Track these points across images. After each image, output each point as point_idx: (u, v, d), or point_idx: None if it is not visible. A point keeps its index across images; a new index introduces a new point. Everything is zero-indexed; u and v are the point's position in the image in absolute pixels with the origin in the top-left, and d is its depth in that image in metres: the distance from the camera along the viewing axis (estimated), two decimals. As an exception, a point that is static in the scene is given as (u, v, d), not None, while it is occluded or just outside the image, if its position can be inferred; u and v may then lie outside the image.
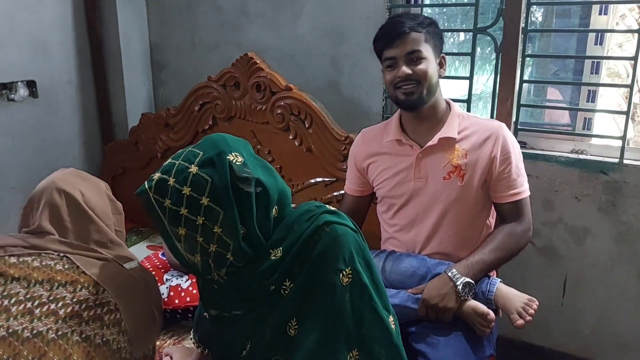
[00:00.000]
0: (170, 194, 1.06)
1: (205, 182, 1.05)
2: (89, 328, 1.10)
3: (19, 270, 1.14)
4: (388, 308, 1.15)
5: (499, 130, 1.50)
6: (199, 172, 1.06)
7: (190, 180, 1.05)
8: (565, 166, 1.85)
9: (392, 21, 1.49)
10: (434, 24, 1.49)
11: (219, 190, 1.05)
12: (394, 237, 1.62)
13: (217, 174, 1.06)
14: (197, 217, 1.06)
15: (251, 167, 1.10)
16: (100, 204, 1.34)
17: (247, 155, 1.13)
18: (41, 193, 1.28)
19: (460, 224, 1.53)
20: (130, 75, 2.60)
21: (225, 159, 1.07)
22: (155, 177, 1.08)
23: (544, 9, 2.05)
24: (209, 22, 2.45)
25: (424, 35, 1.44)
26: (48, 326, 1.06)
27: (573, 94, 2.03)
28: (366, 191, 1.70)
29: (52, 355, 1.03)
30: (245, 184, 1.07)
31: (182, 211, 1.06)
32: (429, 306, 1.40)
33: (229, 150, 1.10)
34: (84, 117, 2.59)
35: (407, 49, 1.43)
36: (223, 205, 1.05)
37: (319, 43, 2.21)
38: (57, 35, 2.40)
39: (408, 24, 1.43)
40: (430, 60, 1.45)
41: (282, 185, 1.17)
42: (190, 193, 1.05)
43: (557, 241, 1.92)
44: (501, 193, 1.51)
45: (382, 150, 1.60)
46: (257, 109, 2.07)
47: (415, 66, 1.44)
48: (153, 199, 1.07)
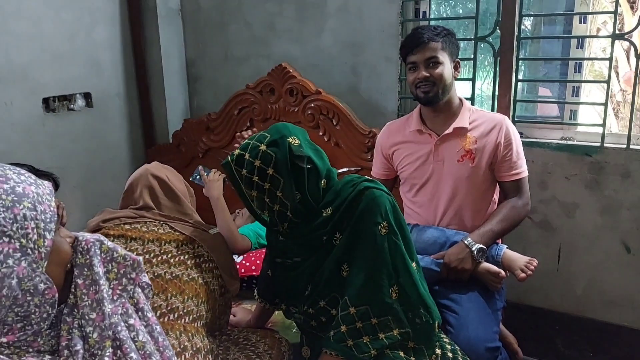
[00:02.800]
0: (246, 165, 1.40)
1: (271, 157, 1.39)
2: (193, 272, 1.42)
3: (135, 232, 1.46)
4: (412, 256, 1.44)
5: (502, 121, 1.83)
6: (267, 150, 1.40)
7: (260, 155, 1.39)
8: (555, 151, 2.17)
9: (416, 32, 1.82)
10: (450, 34, 1.81)
11: (281, 164, 1.39)
12: (417, 212, 1.94)
13: (280, 152, 1.39)
14: (264, 183, 1.39)
15: (305, 149, 1.43)
16: (181, 187, 1.67)
17: (303, 139, 1.46)
18: (139, 179, 1.61)
19: (472, 198, 1.84)
20: (170, 86, 2.92)
21: (286, 140, 1.41)
22: (236, 153, 1.43)
23: (533, 19, 2.41)
24: (240, 38, 2.78)
25: (441, 43, 1.77)
26: (164, 270, 1.39)
27: (560, 91, 2.37)
28: (390, 175, 2.02)
29: (171, 290, 1.36)
30: (300, 160, 1.40)
31: (254, 178, 1.39)
32: (450, 268, 1.70)
33: (289, 134, 1.43)
34: (130, 124, 2.90)
35: (426, 55, 1.76)
36: (283, 175, 1.38)
37: (341, 53, 2.54)
38: (108, 53, 2.73)
39: (427, 34, 1.76)
40: (445, 65, 1.78)
41: (329, 165, 1.50)
42: (260, 165, 1.39)
43: (551, 215, 2.23)
44: (504, 173, 1.83)
45: (405, 139, 1.92)
46: (290, 110, 2.40)
47: (433, 70, 1.76)
48: (234, 168, 1.41)
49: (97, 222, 1.50)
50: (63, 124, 2.54)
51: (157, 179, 1.60)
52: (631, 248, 2.12)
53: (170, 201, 1.59)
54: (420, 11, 2.44)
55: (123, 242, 1.43)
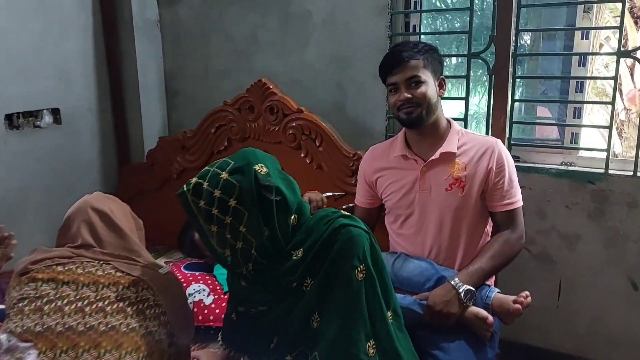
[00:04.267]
0: (204, 196, 1.23)
1: (234, 187, 1.22)
2: (134, 321, 1.24)
3: (68, 275, 1.28)
4: (389, 303, 1.27)
5: (494, 145, 1.66)
6: (229, 178, 1.23)
7: (221, 185, 1.23)
8: (555, 177, 2.01)
9: (394, 50, 1.66)
10: (432, 50, 1.66)
11: (245, 194, 1.22)
12: (402, 246, 1.76)
13: (244, 181, 1.23)
14: (226, 216, 1.22)
15: (274, 178, 1.26)
16: (126, 220, 1.49)
17: (272, 168, 1.29)
18: (77, 213, 1.43)
19: (462, 231, 1.66)
20: (146, 101, 2.75)
21: (252, 168, 1.24)
22: (193, 181, 1.26)
23: (532, 34, 2.24)
24: (221, 51, 2.63)
25: (422, 61, 1.61)
26: (99, 320, 1.20)
27: (560, 111, 2.20)
28: (375, 203, 1.85)
29: (105, 345, 1.18)
30: (267, 191, 1.23)
31: (213, 211, 1.22)
32: (434, 312, 1.51)
33: (256, 161, 1.27)
34: (102, 141, 2.73)
35: (406, 75, 1.60)
36: (248, 208, 1.22)
37: (326, 69, 2.39)
38: (79, 65, 2.57)
39: (407, 52, 1.60)
40: (429, 84, 1.61)
41: (301, 199, 1.33)
42: (220, 195, 1.22)
43: (550, 247, 2.06)
44: (496, 202, 1.65)
45: (389, 165, 1.75)
46: (270, 130, 2.23)
47: (415, 90, 1.60)
48: (190, 199, 1.24)
49: (26, 265, 1.31)
50: (28, 142, 2.37)
51: (98, 212, 1.42)
52: (638, 284, 1.95)
53: (113, 237, 1.40)
54: (410, 25, 2.28)
55: (53, 287, 1.26)
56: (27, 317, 1.21)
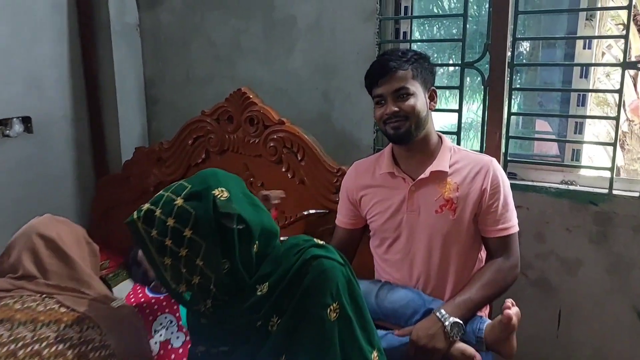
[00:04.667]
0: (157, 224, 1.09)
1: (189, 215, 1.09)
2: None
3: (2, 313, 1.13)
4: (372, 342, 1.14)
5: (489, 164, 1.51)
6: (184, 205, 1.09)
7: (176, 212, 1.09)
8: (555, 197, 1.86)
9: (380, 60, 1.52)
10: (422, 58, 1.51)
11: (202, 223, 1.08)
12: (387, 272, 1.62)
13: (201, 208, 1.09)
14: (180, 248, 1.09)
15: (236, 204, 1.11)
16: (76, 246, 1.35)
17: (235, 191, 1.14)
18: (20, 239, 1.29)
19: (453, 257, 1.52)
20: (125, 109, 2.61)
21: (211, 193, 1.10)
22: (144, 208, 1.12)
23: (531, 43, 2.10)
24: (203, 57, 2.49)
25: (411, 71, 1.47)
26: None
27: (561, 125, 2.06)
28: (358, 224, 1.70)
29: None
30: (227, 219, 1.09)
31: (166, 242, 1.09)
32: (418, 347, 1.37)
33: (216, 185, 1.12)
34: (77, 151, 2.59)
35: (393, 87, 1.46)
36: (205, 238, 1.08)
37: (311, 77, 2.25)
38: (53, 71, 2.42)
39: (394, 62, 1.46)
40: (418, 95, 1.47)
41: (268, 224, 1.18)
42: (174, 225, 1.09)
43: (549, 273, 1.91)
44: (489, 227, 1.51)
45: (375, 182, 1.61)
46: (250, 142, 2.09)
47: (403, 102, 1.46)
48: (141, 228, 1.10)
49: None
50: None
51: (44, 238, 1.27)
52: (644, 314, 1.80)
53: (60, 266, 1.26)
54: (400, 32, 2.14)
55: None
56: None
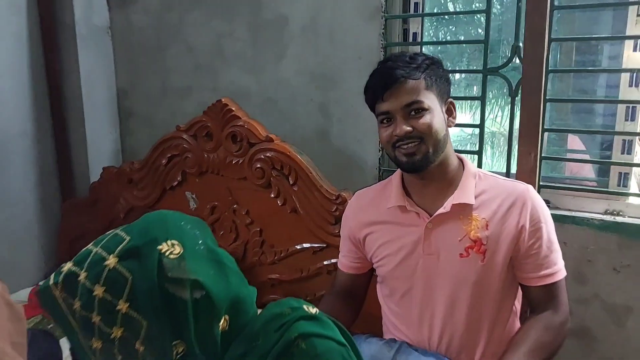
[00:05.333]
0: (80, 293, 0.77)
1: (124, 281, 0.77)
2: None
3: None
4: None
5: (525, 194, 1.20)
6: (117, 266, 0.77)
7: (106, 277, 0.77)
8: (599, 230, 1.55)
9: (383, 68, 1.19)
10: (436, 64, 1.20)
11: (142, 293, 0.76)
12: (400, 331, 1.30)
13: (141, 270, 0.77)
14: (113, 327, 0.77)
15: (193, 264, 0.79)
16: None
17: (192, 245, 0.82)
18: None
19: (483, 312, 1.21)
20: (94, 124, 2.30)
21: (155, 250, 0.78)
22: (64, 269, 0.80)
23: (563, 46, 1.78)
24: (181, 65, 2.18)
25: (424, 80, 1.16)
26: None
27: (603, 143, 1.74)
28: (364, 268, 1.38)
29: None
30: (178, 286, 0.77)
31: (94, 318, 0.77)
32: None
33: (165, 237, 0.80)
34: (40, 173, 2.26)
35: (403, 102, 1.14)
36: (147, 314, 0.76)
37: (305, 87, 1.94)
38: (10, 81, 2.10)
39: (402, 70, 1.14)
40: (434, 111, 1.16)
41: (239, 288, 0.86)
42: (104, 295, 0.77)
43: (592, 322, 1.59)
44: (530, 274, 1.20)
45: (382, 218, 1.29)
46: (232, 162, 1.77)
47: (417, 120, 1.15)
48: (60, 298, 0.79)
49: None
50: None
51: None
52: None
53: None
54: (409, 32, 1.83)
55: None
56: None
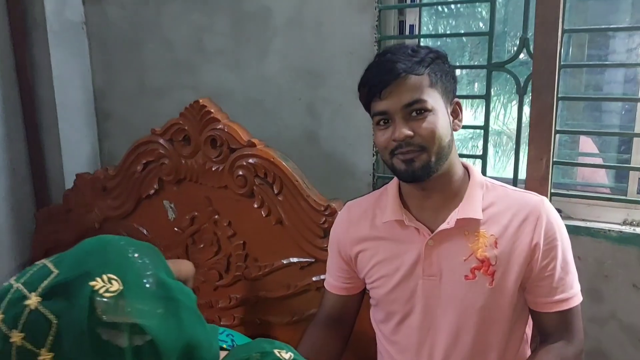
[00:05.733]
0: None
1: (48, 326, 0.62)
2: None
3: None
4: None
5: (539, 207, 1.05)
6: (39, 307, 0.62)
7: (25, 321, 0.62)
8: (617, 243, 1.40)
9: (382, 60, 1.04)
10: (441, 58, 1.05)
11: (69, 342, 0.61)
12: (395, 359, 1.15)
13: (69, 313, 0.62)
14: None
15: (133, 302, 0.64)
16: None
17: (136, 279, 0.66)
18: None
19: (491, 341, 1.07)
20: (68, 126, 2.15)
21: (87, 286, 0.62)
22: None
23: (573, 38, 1.63)
24: (159, 62, 2.02)
25: (429, 77, 1.01)
26: None
27: (620, 146, 1.59)
28: (355, 289, 1.23)
29: None
30: (114, 332, 0.62)
31: None
32: None
33: (101, 270, 0.64)
34: (12, 179, 2.10)
35: (404, 100, 0.99)
36: None
37: (292, 85, 1.79)
38: (-25, 81, 1.96)
39: (403, 63, 0.99)
40: (438, 112, 1.01)
41: (194, 329, 0.70)
42: (22, 342, 0.62)
43: (609, 343, 1.45)
44: (543, 298, 1.06)
45: (377, 234, 1.14)
46: (212, 169, 1.62)
47: (419, 123, 0.99)
48: None
49: None
50: None
51: None
52: None
53: None
54: (405, 25, 1.68)
55: None
56: None
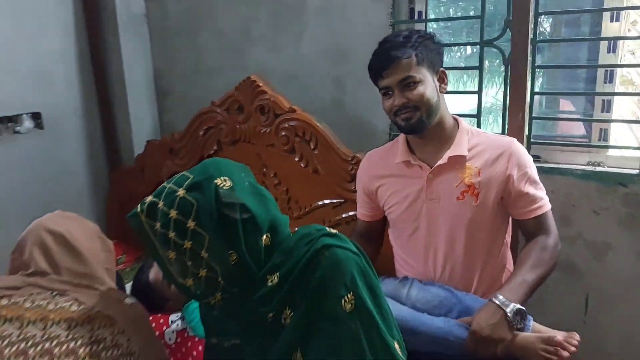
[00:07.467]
0: (160, 217, 1.05)
1: (191, 206, 1.04)
2: None
3: (12, 311, 1.10)
4: (393, 333, 1.08)
5: (511, 146, 1.44)
6: (185, 196, 1.05)
7: (177, 204, 1.05)
8: (581, 179, 1.78)
9: (381, 50, 1.44)
10: (427, 39, 1.43)
11: (204, 214, 1.04)
12: (410, 265, 1.56)
13: (203, 198, 1.05)
14: (184, 241, 1.05)
15: (240, 193, 1.07)
16: (88, 241, 1.31)
17: (240, 181, 1.09)
18: (28, 236, 1.26)
19: (478, 245, 1.46)
20: (135, 102, 2.58)
21: (212, 183, 1.06)
22: (147, 201, 1.09)
23: (552, 19, 1.99)
24: (212, 47, 2.43)
25: (415, 57, 1.39)
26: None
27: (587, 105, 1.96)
28: (377, 215, 1.64)
29: None
30: (230, 209, 1.05)
31: (170, 234, 1.05)
32: (481, 338, 1.26)
33: (219, 174, 1.08)
34: (89, 146, 2.56)
35: (398, 78, 1.39)
36: (208, 230, 1.04)
37: (322, 63, 2.18)
38: (61, 65, 2.39)
39: (396, 50, 1.38)
40: (426, 81, 1.40)
41: (274, 214, 1.13)
42: (177, 216, 1.04)
43: (576, 257, 1.83)
44: (523, 209, 1.44)
45: (390, 172, 1.54)
46: (261, 131, 2.04)
47: (410, 92, 1.39)
48: (145, 222, 1.06)
49: None
50: (6, 149, 2.20)
51: (52, 234, 1.23)
52: (678, 299, 1.71)
53: (71, 261, 1.22)
54: (415, 11, 2.05)
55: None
56: None
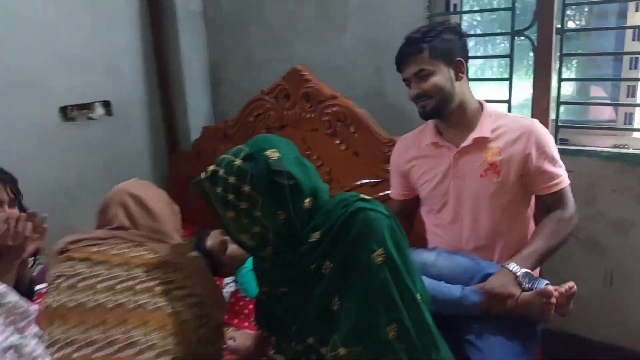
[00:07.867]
0: (220, 182, 1.25)
1: (246, 173, 1.24)
2: (161, 300, 1.29)
3: (101, 256, 1.35)
4: (416, 286, 1.23)
5: (530, 127, 1.57)
6: (242, 164, 1.25)
7: (235, 171, 1.25)
8: (605, 160, 1.88)
9: (401, 46, 1.61)
10: (442, 32, 1.57)
11: (257, 180, 1.23)
12: (439, 235, 1.72)
13: (256, 167, 1.24)
14: (241, 202, 1.24)
15: (286, 163, 1.26)
16: (160, 205, 1.55)
17: (286, 153, 1.29)
18: (113, 197, 1.51)
19: (501, 218, 1.60)
20: (192, 91, 2.83)
21: (264, 154, 1.25)
22: (210, 169, 1.29)
23: (586, 12, 2.09)
24: (261, 40, 2.64)
25: (428, 51, 1.54)
26: (127, 298, 1.26)
27: (614, 90, 2.05)
28: (410, 194, 1.80)
29: (132, 321, 1.24)
30: (279, 176, 1.24)
31: (229, 197, 1.24)
32: (493, 295, 1.43)
33: (269, 147, 1.28)
34: (151, 132, 2.83)
35: (413, 71, 1.57)
36: (261, 193, 1.23)
37: (363, 54, 2.35)
38: (128, 59, 2.66)
39: (409, 47, 1.56)
40: (440, 72, 1.55)
41: (315, 182, 1.32)
42: (235, 182, 1.24)
43: (599, 234, 1.94)
44: (542, 185, 1.57)
45: (421, 153, 1.71)
46: (306, 117, 2.23)
47: (424, 82, 1.56)
48: (207, 186, 1.28)
49: (65, 244, 1.40)
50: (81, 133, 2.49)
51: (133, 197, 1.48)
52: (698, 275, 1.80)
53: (147, 220, 1.47)
54: (450, 4, 2.19)
55: (87, 266, 1.33)
56: (62, 293, 1.29)
